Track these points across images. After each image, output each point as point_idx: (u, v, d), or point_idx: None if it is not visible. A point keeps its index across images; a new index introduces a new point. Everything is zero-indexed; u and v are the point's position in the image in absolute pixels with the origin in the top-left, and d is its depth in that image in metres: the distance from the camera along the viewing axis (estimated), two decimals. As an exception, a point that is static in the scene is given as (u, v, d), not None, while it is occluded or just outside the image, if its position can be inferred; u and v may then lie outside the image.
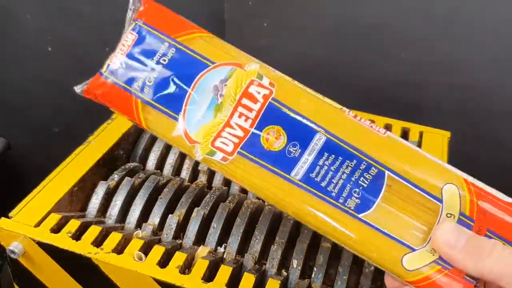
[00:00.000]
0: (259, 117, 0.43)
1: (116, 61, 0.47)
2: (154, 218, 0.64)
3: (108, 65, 0.48)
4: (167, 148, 0.76)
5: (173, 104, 0.44)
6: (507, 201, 0.42)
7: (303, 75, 1.07)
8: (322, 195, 0.42)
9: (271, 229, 0.63)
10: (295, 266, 0.59)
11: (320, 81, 1.08)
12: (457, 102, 0.98)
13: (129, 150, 0.76)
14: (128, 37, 0.47)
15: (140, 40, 0.46)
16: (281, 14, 1.02)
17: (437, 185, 0.42)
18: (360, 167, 0.42)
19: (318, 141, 0.43)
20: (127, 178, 0.68)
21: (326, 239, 0.61)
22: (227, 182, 0.73)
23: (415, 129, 0.77)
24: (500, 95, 0.96)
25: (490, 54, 0.92)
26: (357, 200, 0.42)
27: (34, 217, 0.60)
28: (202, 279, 0.55)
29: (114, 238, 0.58)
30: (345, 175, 0.42)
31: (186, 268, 0.57)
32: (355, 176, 0.42)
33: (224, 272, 0.56)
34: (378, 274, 0.60)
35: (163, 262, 0.57)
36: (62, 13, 1.21)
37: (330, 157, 0.43)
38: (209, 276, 0.56)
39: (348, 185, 0.42)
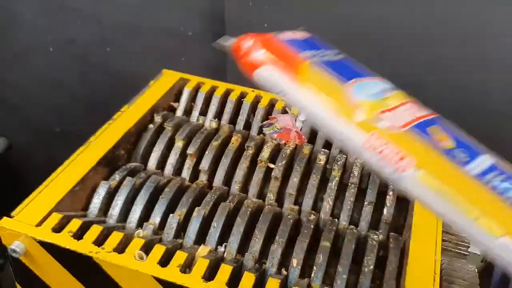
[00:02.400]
0: (427, 117, 0.49)
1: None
2: (155, 218, 0.65)
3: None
4: (168, 148, 0.77)
5: (345, 73, 0.51)
6: None
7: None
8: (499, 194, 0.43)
9: (271, 229, 0.63)
10: (295, 265, 0.60)
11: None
12: (456, 102, 0.99)
13: (129, 150, 0.77)
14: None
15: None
16: (281, 14, 1.03)
17: None
18: None
19: (483, 160, 0.46)
20: (128, 178, 0.68)
21: (326, 239, 0.61)
22: (227, 182, 0.73)
23: (414, 129, 0.77)
24: (499, 95, 0.96)
25: (489, 55, 0.93)
26: None
27: (36, 216, 0.60)
28: (202, 278, 0.55)
29: (115, 237, 0.59)
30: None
31: (187, 267, 0.57)
32: None
33: (225, 271, 0.56)
34: (378, 274, 0.60)
35: (164, 261, 0.57)
36: (63, 13, 1.21)
37: (497, 173, 0.45)
38: (210, 275, 0.57)
39: None
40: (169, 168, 0.75)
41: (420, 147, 0.45)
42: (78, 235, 0.59)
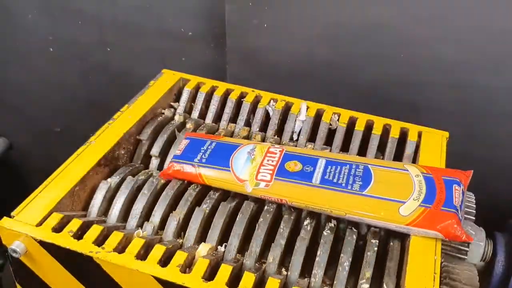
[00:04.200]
0: (281, 157, 0.68)
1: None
2: (155, 218, 0.65)
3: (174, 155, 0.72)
4: (169, 148, 0.77)
5: (223, 162, 0.68)
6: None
7: (303, 75, 1.08)
8: (336, 188, 0.63)
9: (271, 229, 0.63)
10: (295, 265, 0.60)
11: (320, 81, 1.08)
12: (456, 102, 0.99)
13: (130, 150, 0.77)
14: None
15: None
16: (281, 15, 1.03)
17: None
18: (352, 167, 0.66)
19: (321, 163, 0.67)
20: (129, 178, 0.68)
21: (326, 239, 0.61)
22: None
23: (414, 129, 0.78)
24: (499, 95, 0.96)
25: (488, 55, 0.93)
26: (359, 183, 0.63)
27: (36, 216, 0.61)
28: (202, 278, 0.55)
29: (116, 237, 0.59)
30: (345, 172, 0.65)
31: (187, 267, 0.57)
32: (352, 171, 0.65)
33: (225, 271, 0.56)
34: (378, 274, 0.60)
35: (164, 261, 0.57)
36: (63, 13, 1.21)
37: (333, 167, 0.66)
38: (210, 275, 0.57)
39: (351, 176, 0.64)
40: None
41: (285, 187, 0.64)
42: (78, 235, 0.59)
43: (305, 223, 0.63)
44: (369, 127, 0.78)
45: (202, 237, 0.63)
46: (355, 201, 0.61)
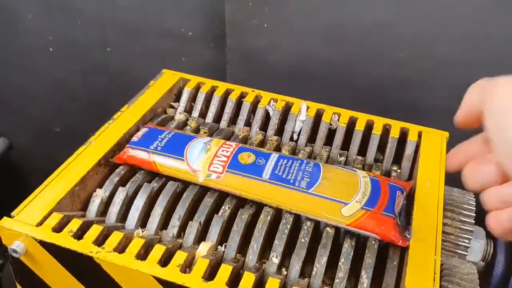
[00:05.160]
0: (236, 149, 0.68)
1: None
2: (155, 217, 0.65)
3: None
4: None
5: (178, 152, 0.69)
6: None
7: (303, 75, 1.08)
8: (284, 184, 0.64)
9: (271, 229, 0.63)
10: (295, 265, 0.60)
11: (320, 81, 1.08)
12: (456, 102, 0.98)
13: (130, 150, 0.77)
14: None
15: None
16: (281, 15, 1.03)
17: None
18: (303, 161, 0.67)
19: (273, 157, 0.68)
20: (133, 179, 0.68)
21: (326, 239, 0.61)
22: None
23: (414, 129, 0.78)
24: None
25: (488, 55, 0.93)
26: (307, 180, 0.64)
27: (36, 216, 0.61)
28: (202, 277, 0.55)
29: (116, 237, 0.59)
30: (296, 167, 0.66)
31: (187, 267, 0.58)
32: (303, 166, 0.66)
33: (225, 271, 0.56)
34: (378, 273, 0.60)
35: (164, 261, 0.57)
36: (63, 13, 1.21)
37: (284, 161, 0.67)
38: (210, 274, 0.57)
39: (300, 173, 0.65)
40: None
41: (236, 180, 0.65)
42: (78, 235, 0.59)
43: (306, 223, 0.63)
44: (369, 127, 0.78)
45: (202, 237, 0.63)
46: (300, 199, 0.63)
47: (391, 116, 0.80)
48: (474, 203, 0.74)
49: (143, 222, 0.65)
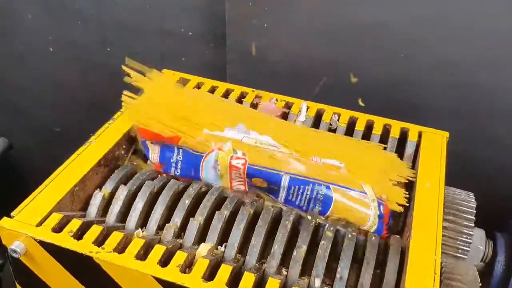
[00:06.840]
0: (245, 171, 0.68)
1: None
2: (155, 218, 0.65)
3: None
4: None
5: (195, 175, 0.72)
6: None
7: (302, 75, 1.08)
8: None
9: (271, 229, 0.63)
10: (295, 265, 0.60)
11: (320, 81, 1.08)
12: (456, 102, 0.99)
13: (130, 150, 0.77)
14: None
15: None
16: (281, 15, 1.03)
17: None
18: (315, 188, 0.67)
19: (285, 181, 0.68)
20: (137, 178, 0.68)
21: (326, 239, 0.61)
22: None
23: (414, 129, 0.78)
24: (499, 95, 0.96)
25: (488, 55, 0.93)
26: (319, 208, 0.67)
27: (36, 216, 0.60)
28: (202, 278, 0.55)
29: (115, 237, 0.59)
30: (307, 194, 0.67)
31: (187, 267, 0.57)
32: (314, 194, 0.67)
33: (225, 271, 0.56)
34: (378, 274, 0.60)
35: (164, 261, 0.57)
36: (63, 13, 1.21)
37: (296, 187, 0.67)
38: (210, 275, 0.57)
39: (312, 200, 0.67)
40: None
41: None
42: (78, 235, 0.59)
43: (306, 223, 0.63)
44: (369, 127, 0.78)
45: (202, 237, 0.63)
46: None
47: (391, 116, 0.80)
48: (474, 204, 0.74)
49: (143, 221, 0.65)
